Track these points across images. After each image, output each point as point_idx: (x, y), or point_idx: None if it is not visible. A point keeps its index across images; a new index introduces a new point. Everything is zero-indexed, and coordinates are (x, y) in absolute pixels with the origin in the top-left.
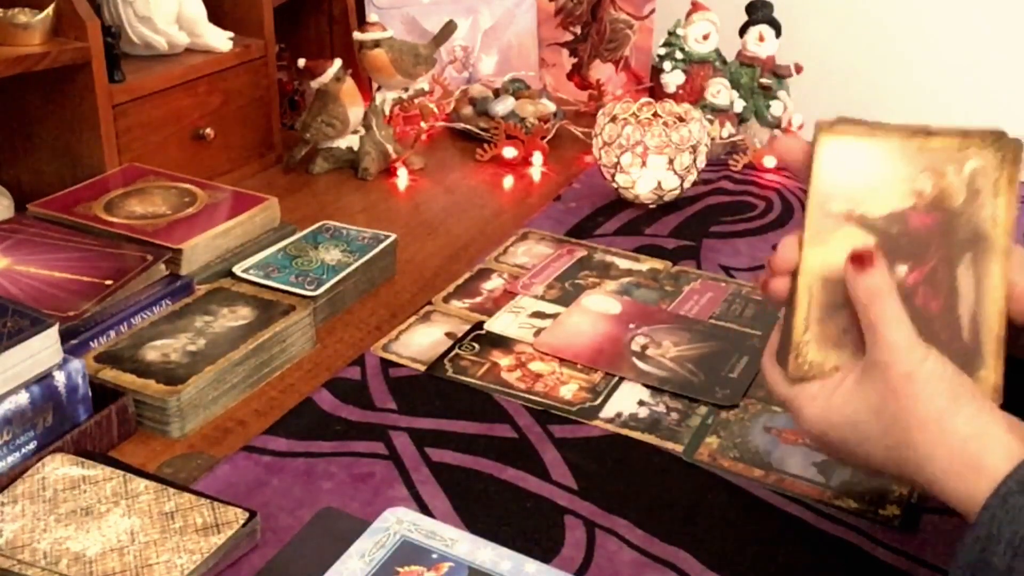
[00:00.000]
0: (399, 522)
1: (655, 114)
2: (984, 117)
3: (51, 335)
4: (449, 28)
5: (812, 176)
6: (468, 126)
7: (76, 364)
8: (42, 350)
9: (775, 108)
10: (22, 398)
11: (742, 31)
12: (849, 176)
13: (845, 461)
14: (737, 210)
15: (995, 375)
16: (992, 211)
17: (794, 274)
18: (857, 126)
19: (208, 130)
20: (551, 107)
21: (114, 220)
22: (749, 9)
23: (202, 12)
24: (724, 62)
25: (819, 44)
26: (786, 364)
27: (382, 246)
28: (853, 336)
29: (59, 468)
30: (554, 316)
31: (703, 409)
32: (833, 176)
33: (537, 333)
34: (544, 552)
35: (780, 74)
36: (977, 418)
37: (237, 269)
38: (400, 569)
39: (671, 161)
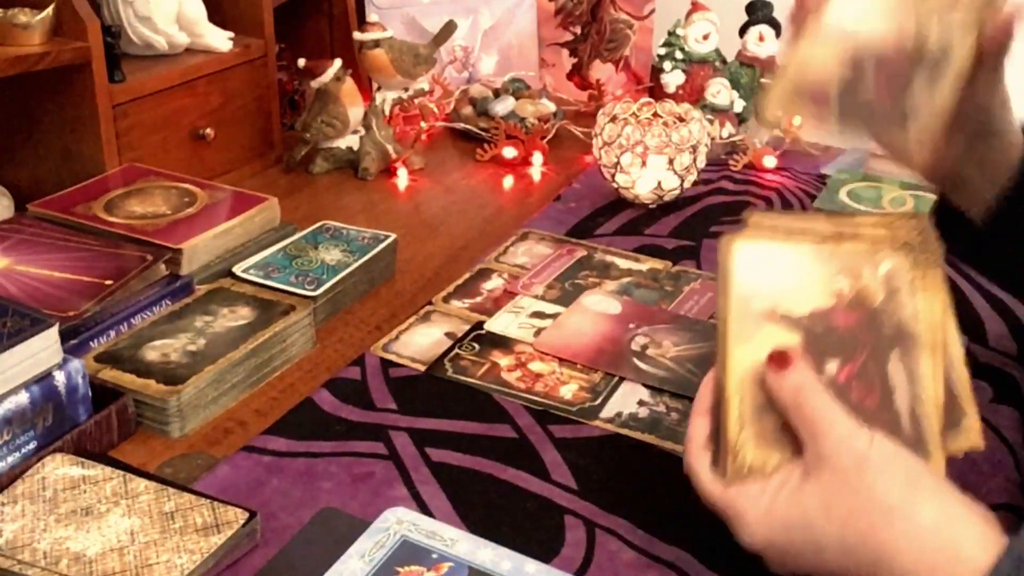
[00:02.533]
0: (399, 522)
1: (655, 114)
2: None
3: (51, 335)
4: (449, 28)
5: (729, 278)
6: (468, 126)
7: (76, 364)
8: (42, 350)
9: None
10: (22, 398)
11: (742, 31)
12: (767, 277)
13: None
14: (737, 210)
15: (940, 466)
16: (913, 309)
17: (722, 375)
18: (771, 229)
19: (208, 130)
20: (551, 107)
21: (114, 220)
22: (749, 9)
23: (202, 12)
24: (724, 62)
25: None
26: (724, 468)
27: (382, 246)
28: (789, 434)
29: (59, 468)
30: (554, 316)
31: None
32: (751, 277)
33: (537, 333)
34: (544, 552)
35: None
36: (941, 503)
37: (237, 269)
38: (400, 569)
39: (671, 161)
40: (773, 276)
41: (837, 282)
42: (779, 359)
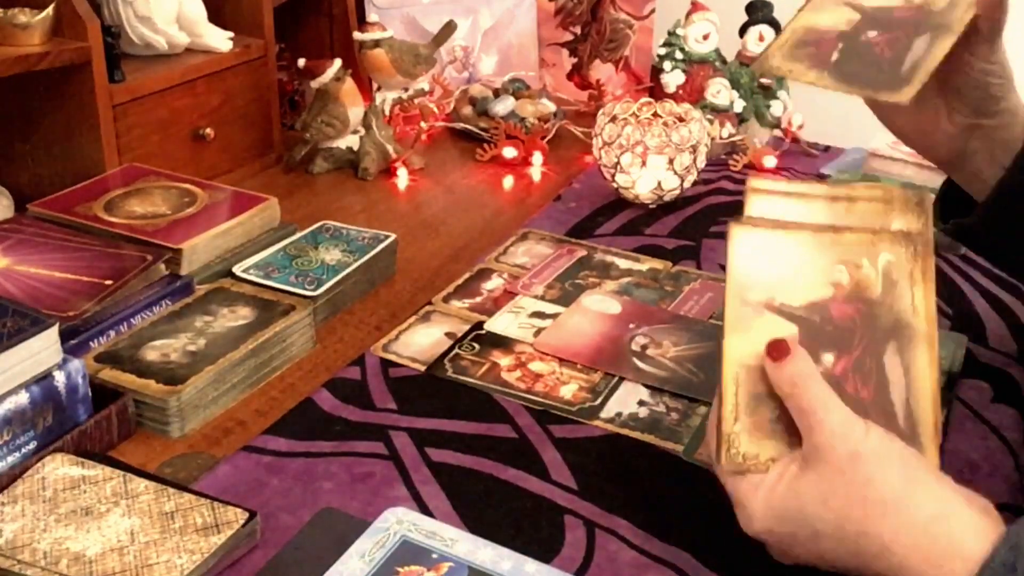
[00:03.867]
0: (399, 522)
1: (655, 114)
2: None
3: (51, 335)
4: (449, 28)
5: (728, 266)
6: (468, 126)
7: (76, 364)
8: (42, 350)
9: (775, 108)
10: (22, 398)
11: (742, 31)
12: (765, 267)
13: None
14: (737, 210)
15: (934, 459)
16: (911, 301)
17: (719, 365)
18: (769, 222)
19: (208, 130)
20: (551, 107)
21: (114, 220)
22: (749, 9)
23: (202, 12)
24: (724, 62)
25: None
26: (719, 456)
27: (382, 246)
28: (784, 425)
29: (59, 468)
30: (554, 316)
31: (703, 409)
32: (749, 266)
33: (537, 333)
34: (544, 552)
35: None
36: (937, 494)
37: (237, 269)
38: (400, 569)
39: (671, 161)
40: (771, 265)
41: (836, 272)
42: (777, 349)
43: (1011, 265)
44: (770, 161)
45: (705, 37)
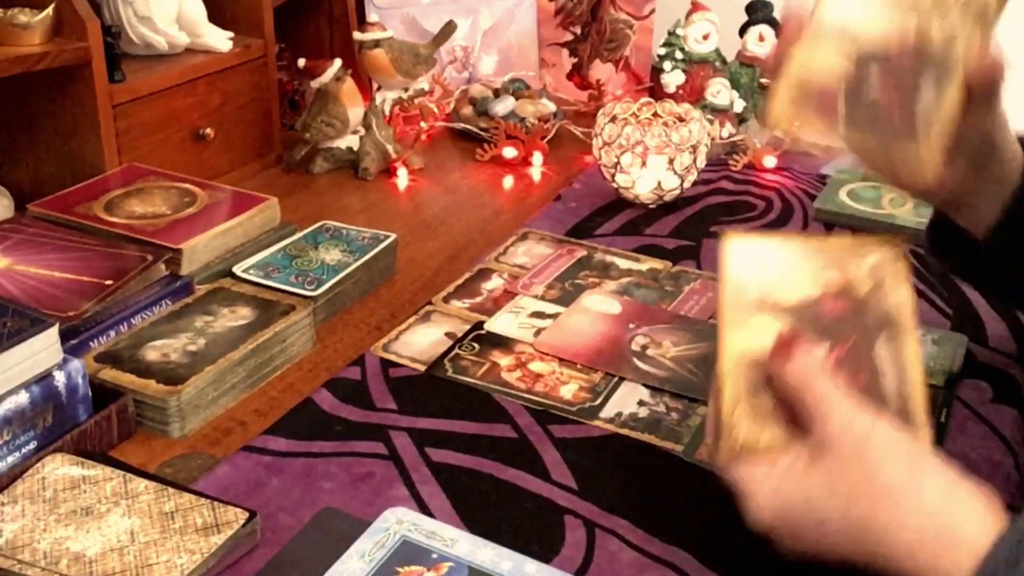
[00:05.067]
0: (399, 522)
1: (655, 114)
2: None
3: (51, 335)
4: (449, 28)
5: (724, 271)
6: (468, 126)
7: (76, 364)
8: (42, 350)
9: None
10: (22, 398)
11: (742, 31)
12: (758, 269)
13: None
14: (737, 210)
15: (927, 443)
16: (898, 298)
17: (718, 359)
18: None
19: (208, 130)
20: (551, 107)
21: (114, 220)
22: (749, 9)
23: (202, 12)
24: (724, 62)
25: None
26: (719, 446)
27: (382, 246)
28: (781, 413)
29: (59, 468)
30: (554, 316)
31: (703, 409)
32: (743, 270)
33: (537, 333)
34: (544, 552)
35: None
36: (941, 484)
37: (237, 269)
38: (400, 569)
39: (671, 161)
40: (764, 269)
41: (825, 274)
42: (784, 348)
43: (1014, 301)
44: (770, 161)
45: (705, 37)
